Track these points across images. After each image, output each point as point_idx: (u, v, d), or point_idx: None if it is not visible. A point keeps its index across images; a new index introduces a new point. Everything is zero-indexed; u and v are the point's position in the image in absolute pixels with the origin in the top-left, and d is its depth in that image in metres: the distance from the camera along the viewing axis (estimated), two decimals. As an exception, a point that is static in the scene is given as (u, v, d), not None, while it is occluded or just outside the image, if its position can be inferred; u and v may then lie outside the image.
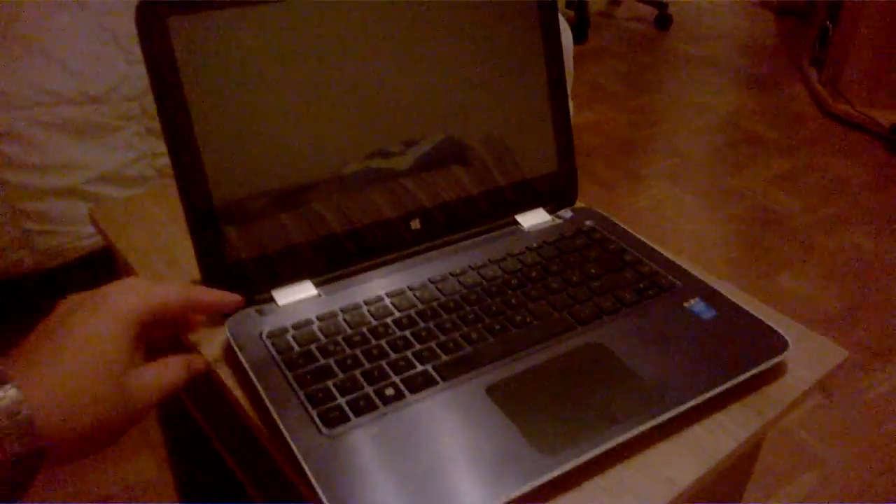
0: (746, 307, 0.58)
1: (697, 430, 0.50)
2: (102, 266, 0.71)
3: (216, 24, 0.53)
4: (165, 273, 0.66)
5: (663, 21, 3.27)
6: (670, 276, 0.61)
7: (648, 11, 3.36)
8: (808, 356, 0.57)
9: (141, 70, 1.34)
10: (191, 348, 0.57)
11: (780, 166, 2.23)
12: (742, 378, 0.52)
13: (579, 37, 3.06)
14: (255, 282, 0.58)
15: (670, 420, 0.49)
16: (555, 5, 0.69)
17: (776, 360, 0.54)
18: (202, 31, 0.53)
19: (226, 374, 0.54)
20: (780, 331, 0.56)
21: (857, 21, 2.44)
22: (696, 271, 0.62)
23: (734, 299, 0.59)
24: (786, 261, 1.83)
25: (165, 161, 1.39)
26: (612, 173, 2.18)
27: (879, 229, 1.95)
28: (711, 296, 0.59)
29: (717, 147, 2.35)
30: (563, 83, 0.70)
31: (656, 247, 0.65)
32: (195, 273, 0.56)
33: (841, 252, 1.86)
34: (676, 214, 2.00)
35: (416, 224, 0.64)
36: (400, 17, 0.60)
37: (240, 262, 0.57)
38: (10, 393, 0.37)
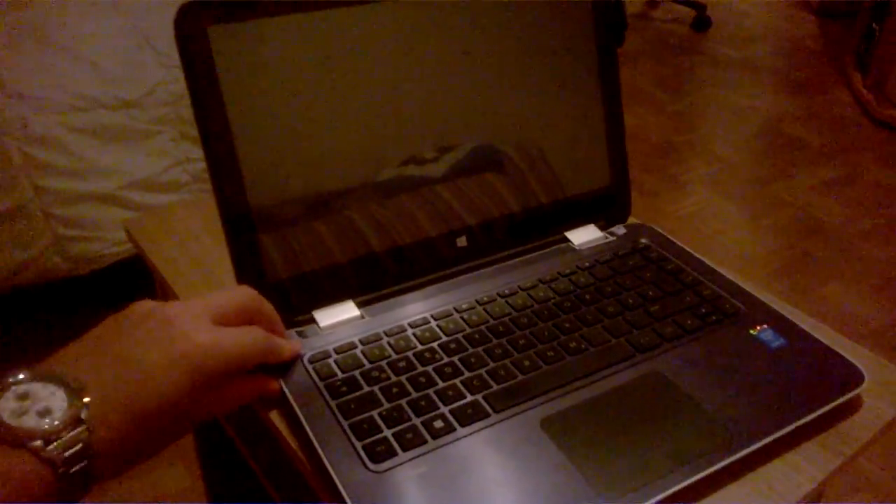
0: (817, 335, 0.54)
1: (769, 471, 0.46)
2: (137, 273, 0.69)
3: (255, 33, 0.51)
4: (201, 288, 0.64)
5: (701, 23, 3.21)
6: (734, 300, 0.57)
7: (686, 13, 3.30)
8: (883, 388, 0.53)
9: (175, 74, 1.32)
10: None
11: (825, 173, 2.16)
12: (817, 414, 0.48)
13: (616, 40, 3.01)
14: (295, 301, 0.55)
15: (740, 460, 0.45)
16: (610, 4, 0.65)
17: (852, 394, 0.50)
18: (241, 40, 0.51)
19: (266, 401, 0.51)
20: (855, 361, 0.52)
21: (905, 23, 2.36)
22: (760, 294, 0.58)
23: (803, 325, 0.55)
24: (832, 272, 1.77)
25: (200, 166, 1.38)
26: (651, 180, 2.13)
27: (930, 239, 1.88)
28: (779, 322, 0.55)
29: (758, 153, 2.29)
30: (616, 89, 0.66)
31: (716, 266, 0.62)
32: (233, 290, 0.54)
33: (890, 263, 1.79)
34: (718, 223, 1.95)
35: (462, 241, 0.61)
36: (443, 21, 0.57)
37: (281, 281, 0.54)
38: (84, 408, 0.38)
